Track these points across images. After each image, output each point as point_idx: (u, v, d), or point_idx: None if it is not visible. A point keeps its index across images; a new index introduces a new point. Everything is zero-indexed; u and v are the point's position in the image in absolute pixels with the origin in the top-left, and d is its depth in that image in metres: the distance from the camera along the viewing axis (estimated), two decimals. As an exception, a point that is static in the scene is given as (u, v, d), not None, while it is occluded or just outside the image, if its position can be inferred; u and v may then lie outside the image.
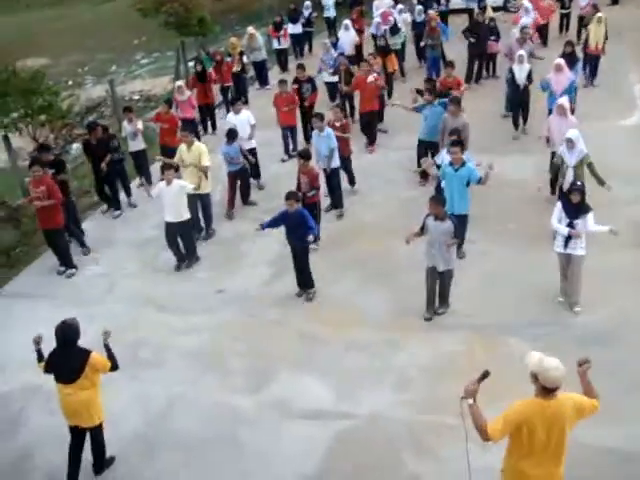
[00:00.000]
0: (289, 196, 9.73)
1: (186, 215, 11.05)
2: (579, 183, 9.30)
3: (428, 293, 9.45)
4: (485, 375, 5.38)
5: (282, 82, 15.00)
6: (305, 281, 10.27)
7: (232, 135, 12.64)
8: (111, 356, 7.24)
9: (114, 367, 7.22)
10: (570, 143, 10.50)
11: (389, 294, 10.10)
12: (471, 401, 5.34)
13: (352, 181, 13.33)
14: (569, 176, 10.53)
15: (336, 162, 12.27)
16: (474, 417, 5.31)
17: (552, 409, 5.29)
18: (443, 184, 10.44)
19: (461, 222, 9.85)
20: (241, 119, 13.51)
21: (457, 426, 7.45)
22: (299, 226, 9.77)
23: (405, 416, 7.85)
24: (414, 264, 10.11)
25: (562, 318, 9.22)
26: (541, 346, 8.19)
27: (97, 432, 7.35)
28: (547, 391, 5.27)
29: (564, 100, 12.00)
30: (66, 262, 11.51)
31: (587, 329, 8.92)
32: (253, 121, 13.68)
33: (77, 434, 7.32)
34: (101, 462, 7.48)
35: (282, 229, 10.17)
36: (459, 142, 10.41)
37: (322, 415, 7.99)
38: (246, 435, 7.80)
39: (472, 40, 18.10)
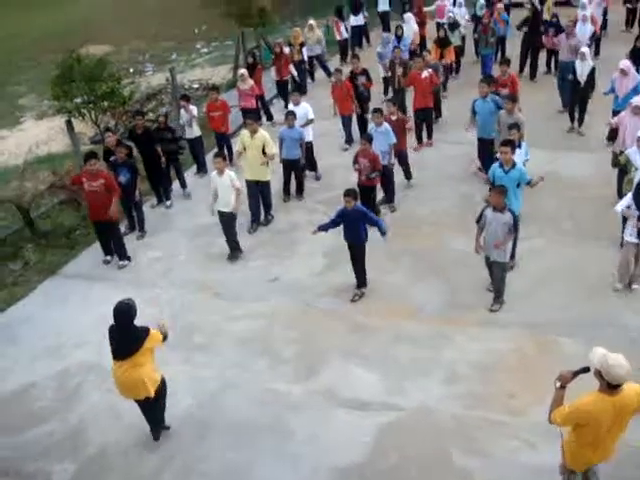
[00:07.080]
0: (348, 193, 9.65)
1: (232, 206, 11.08)
2: None
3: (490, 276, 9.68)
4: (585, 370, 5.47)
5: (337, 71, 15.00)
6: (358, 278, 10.17)
7: (293, 117, 12.63)
8: (165, 335, 7.50)
9: (165, 337, 7.47)
10: None
11: (442, 288, 10.09)
12: (558, 384, 5.57)
13: (408, 175, 13.23)
14: (636, 180, 10.03)
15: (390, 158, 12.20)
16: (554, 398, 5.61)
17: (618, 403, 5.36)
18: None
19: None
20: (299, 111, 13.35)
21: (505, 422, 7.55)
22: (357, 223, 9.77)
23: (453, 410, 7.85)
24: (468, 259, 10.08)
25: (617, 319, 9.09)
26: (595, 347, 8.17)
27: (154, 402, 7.54)
28: (612, 387, 5.32)
29: (639, 99, 11.61)
30: (121, 253, 11.49)
31: (643, 331, 8.78)
32: (312, 115, 13.60)
33: (140, 404, 7.58)
34: (159, 428, 7.78)
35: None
36: (510, 142, 10.08)
37: (370, 405, 8.03)
38: (294, 422, 7.90)
39: (524, 30, 18.02)
